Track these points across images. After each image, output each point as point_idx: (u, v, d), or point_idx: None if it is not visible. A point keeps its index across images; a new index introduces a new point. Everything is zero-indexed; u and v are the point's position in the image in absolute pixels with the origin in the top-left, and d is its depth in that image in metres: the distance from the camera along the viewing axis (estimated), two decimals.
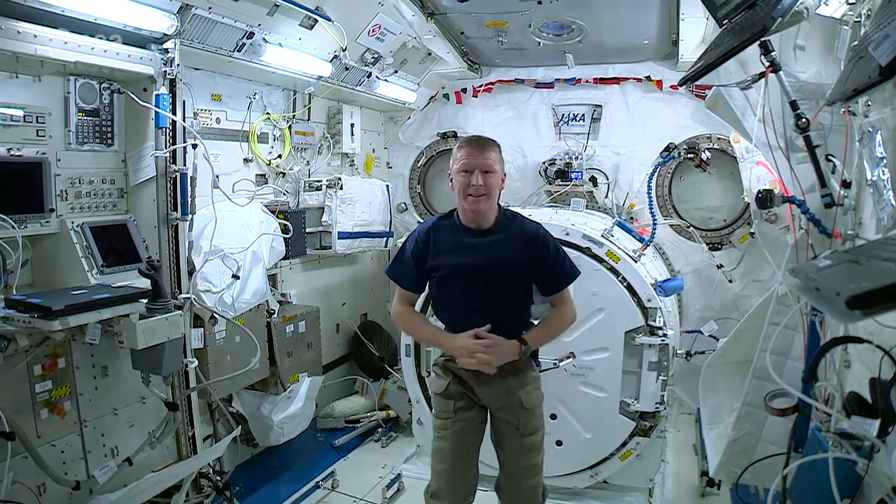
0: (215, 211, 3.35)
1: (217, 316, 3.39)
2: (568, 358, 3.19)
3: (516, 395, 2.53)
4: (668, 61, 4.85)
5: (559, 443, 3.55)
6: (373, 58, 4.34)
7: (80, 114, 2.89)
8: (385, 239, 5.10)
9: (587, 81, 5.08)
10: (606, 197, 4.99)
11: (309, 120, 4.64)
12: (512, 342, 2.46)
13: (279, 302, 4.22)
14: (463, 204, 2.46)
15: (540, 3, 3.98)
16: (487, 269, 2.45)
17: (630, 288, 3.43)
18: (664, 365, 3.40)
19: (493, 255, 2.45)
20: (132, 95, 2.99)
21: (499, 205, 2.57)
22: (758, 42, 2.13)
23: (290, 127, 4.38)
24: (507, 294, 2.50)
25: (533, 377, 2.62)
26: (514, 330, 2.51)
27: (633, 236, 4.11)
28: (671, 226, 4.92)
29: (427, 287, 2.69)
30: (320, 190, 4.52)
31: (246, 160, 4.08)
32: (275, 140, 4.32)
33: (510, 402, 2.53)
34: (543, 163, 5.15)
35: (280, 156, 4.34)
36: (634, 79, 4.97)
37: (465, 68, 5.12)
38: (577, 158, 4.99)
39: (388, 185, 5.22)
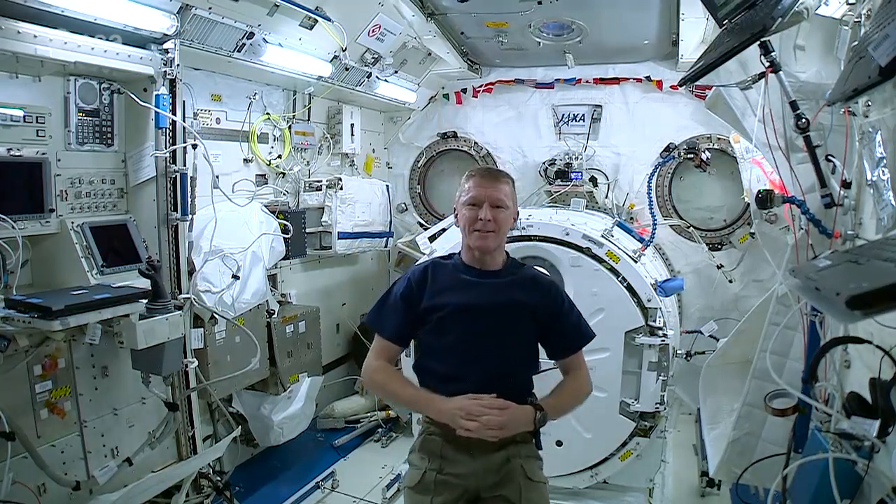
0: (215, 211, 3.35)
1: (217, 316, 3.39)
2: None
3: (517, 464, 2.09)
4: (668, 61, 4.85)
5: (559, 443, 3.54)
6: (373, 58, 4.34)
7: (80, 114, 2.88)
8: (385, 239, 5.10)
9: (587, 81, 5.08)
10: (606, 197, 4.99)
11: (309, 120, 4.64)
12: (525, 407, 2.04)
13: (279, 302, 4.22)
14: (468, 241, 2.16)
15: (540, 3, 3.98)
16: (495, 312, 2.11)
17: (630, 288, 3.42)
18: (664, 365, 3.39)
19: (503, 296, 2.13)
20: (132, 95, 2.99)
21: (506, 252, 2.27)
22: (758, 42, 2.13)
23: (290, 127, 4.38)
24: (514, 341, 2.14)
25: (536, 453, 2.21)
26: (517, 395, 2.09)
27: (633, 236, 4.11)
28: (671, 226, 4.93)
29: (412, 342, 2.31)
30: (320, 190, 4.52)
31: (246, 160, 4.08)
32: (275, 140, 4.32)
33: (509, 473, 2.08)
34: (543, 163, 5.15)
35: (280, 156, 4.34)
36: (634, 79, 4.97)
37: (465, 68, 5.12)
38: (577, 158, 4.98)
39: (388, 186, 5.22)
